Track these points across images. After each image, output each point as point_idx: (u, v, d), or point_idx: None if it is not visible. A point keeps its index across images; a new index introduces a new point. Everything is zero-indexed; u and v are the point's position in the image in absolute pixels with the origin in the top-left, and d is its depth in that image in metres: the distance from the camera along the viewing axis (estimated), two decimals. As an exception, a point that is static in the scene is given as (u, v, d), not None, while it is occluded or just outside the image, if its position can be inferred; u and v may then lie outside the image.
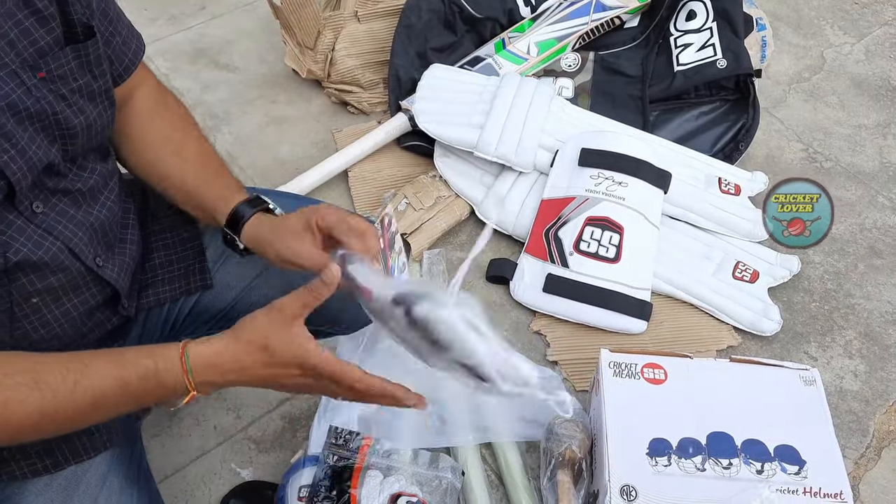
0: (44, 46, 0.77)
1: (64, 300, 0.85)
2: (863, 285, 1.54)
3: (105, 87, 0.85)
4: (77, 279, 0.85)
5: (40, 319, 0.84)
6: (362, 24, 1.84)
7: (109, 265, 0.89)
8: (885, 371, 1.41)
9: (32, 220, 0.79)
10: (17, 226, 0.78)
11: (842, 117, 1.86)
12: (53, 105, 0.78)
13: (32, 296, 0.81)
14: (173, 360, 0.76)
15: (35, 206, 0.80)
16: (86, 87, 0.82)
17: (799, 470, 1.07)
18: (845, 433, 1.32)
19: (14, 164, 0.75)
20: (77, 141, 0.82)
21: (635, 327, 1.43)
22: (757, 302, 1.46)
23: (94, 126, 0.84)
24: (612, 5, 1.85)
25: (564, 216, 1.50)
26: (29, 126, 0.77)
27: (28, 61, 0.76)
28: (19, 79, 0.75)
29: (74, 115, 0.81)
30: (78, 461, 0.89)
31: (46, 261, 0.80)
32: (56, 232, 0.81)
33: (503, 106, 1.60)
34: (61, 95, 0.79)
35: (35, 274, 0.80)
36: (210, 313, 1.05)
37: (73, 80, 0.80)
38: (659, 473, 1.07)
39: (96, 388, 0.74)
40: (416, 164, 1.70)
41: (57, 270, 0.82)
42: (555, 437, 1.20)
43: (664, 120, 1.76)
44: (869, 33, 2.08)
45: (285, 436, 1.30)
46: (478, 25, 1.85)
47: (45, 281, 0.82)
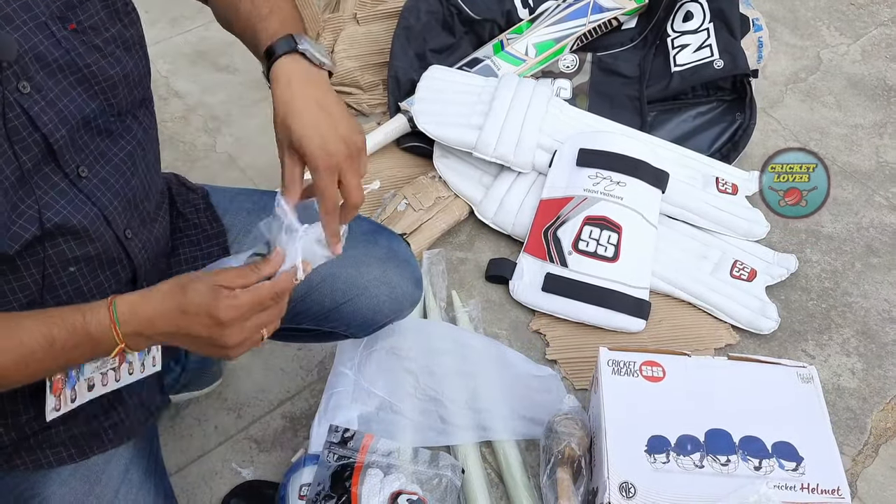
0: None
1: (99, 272, 0.85)
2: (860, 284, 1.55)
3: (138, 36, 0.85)
4: (111, 249, 0.85)
5: (76, 290, 0.83)
6: (361, 26, 1.85)
7: (136, 240, 0.89)
8: (883, 369, 1.42)
9: (76, 184, 0.79)
10: (60, 188, 0.78)
11: (838, 117, 1.87)
12: (84, 57, 0.78)
13: (71, 264, 0.81)
14: (101, 310, 0.76)
15: (81, 170, 0.80)
16: (119, 35, 0.82)
17: (796, 466, 1.08)
18: (843, 430, 1.33)
19: (45, 116, 0.75)
20: (118, 92, 0.82)
21: (634, 326, 1.44)
22: (755, 300, 1.47)
23: (132, 76, 0.84)
24: (609, 7, 1.86)
25: (563, 216, 1.51)
26: (62, 79, 0.77)
27: (57, 13, 0.76)
28: (49, 30, 0.75)
29: (111, 65, 0.80)
30: (102, 450, 0.90)
31: (85, 225, 0.80)
32: (95, 198, 0.81)
33: (501, 107, 1.61)
34: (95, 46, 0.79)
35: (75, 240, 0.80)
36: None
37: (104, 30, 0.80)
38: (658, 470, 1.07)
39: (24, 345, 0.73)
40: (415, 164, 1.71)
41: (95, 238, 0.82)
42: (554, 435, 1.21)
43: (662, 120, 1.77)
44: (865, 34, 2.09)
45: (286, 435, 1.31)
46: (476, 27, 1.86)
47: (84, 249, 0.82)
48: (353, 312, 1.09)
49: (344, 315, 1.09)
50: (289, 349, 1.41)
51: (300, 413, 1.34)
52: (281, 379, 1.38)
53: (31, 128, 0.74)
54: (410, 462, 1.18)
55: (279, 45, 0.85)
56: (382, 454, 1.18)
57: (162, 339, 0.80)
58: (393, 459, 1.17)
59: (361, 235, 1.05)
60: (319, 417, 1.23)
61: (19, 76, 0.73)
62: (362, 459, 1.16)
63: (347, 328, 1.12)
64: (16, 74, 0.72)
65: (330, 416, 1.23)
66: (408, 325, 1.35)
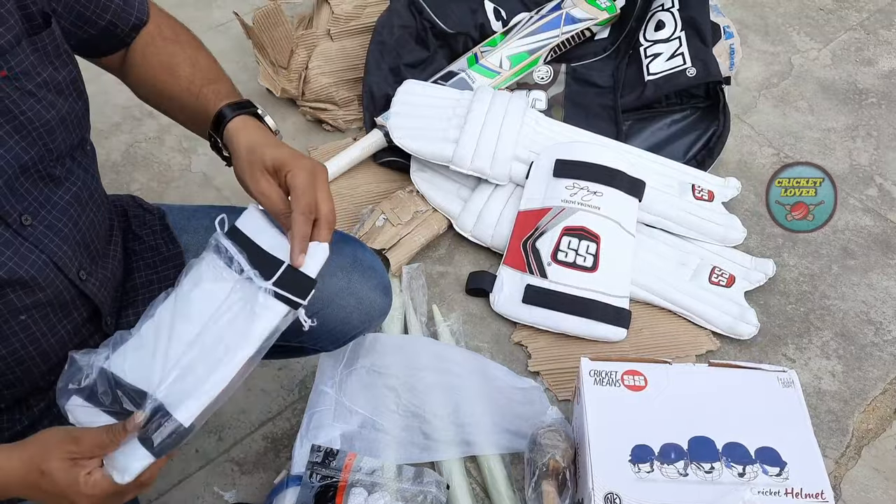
0: (3, 45, 0.75)
1: (51, 316, 0.84)
2: (837, 286, 1.56)
3: (71, 78, 0.84)
4: (63, 294, 0.84)
5: (29, 336, 0.82)
6: (335, 42, 1.85)
7: (92, 279, 0.88)
8: (862, 370, 1.43)
9: (21, 233, 0.78)
10: (4, 239, 0.77)
11: (811, 121, 1.89)
12: (19, 104, 0.77)
13: (21, 312, 0.80)
14: None
15: (24, 218, 0.79)
16: (51, 80, 0.81)
17: (780, 471, 1.08)
18: (825, 433, 1.34)
19: None
20: (56, 136, 0.81)
21: (615, 335, 1.44)
22: (734, 306, 1.47)
23: (68, 119, 0.83)
24: (581, 17, 1.87)
25: (541, 227, 1.51)
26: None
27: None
28: None
29: (45, 110, 0.79)
30: None
31: (33, 274, 0.79)
32: (42, 245, 0.80)
33: (477, 119, 1.61)
34: (28, 92, 0.78)
35: (23, 290, 0.79)
36: None
37: (36, 74, 0.79)
38: (642, 480, 1.07)
39: None
40: (392, 179, 1.71)
41: (44, 286, 0.81)
42: (538, 448, 1.20)
43: (637, 129, 1.78)
44: (835, 38, 2.11)
45: (268, 456, 1.30)
46: (450, 40, 1.86)
47: (34, 297, 0.81)
48: (320, 326, 1.07)
49: (310, 330, 1.07)
50: (269, 369, 1.39)
51: (282, 433, 1.32)
52: (262, 399, 1.36)
53: None
54: (394, 480, 1.17)
55: (238, 105, 0.90)
56: (366, 473, 1.17)
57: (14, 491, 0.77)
58: (377, 478, 1.16)
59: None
60: (301, 437, 1.22)
61: None
62: (346, 479, 1.15)
63: (316, 343, 1.11)
64: None
65: (312, 436, 1.21)
66: (388, 342, 1.35)
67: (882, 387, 1.41)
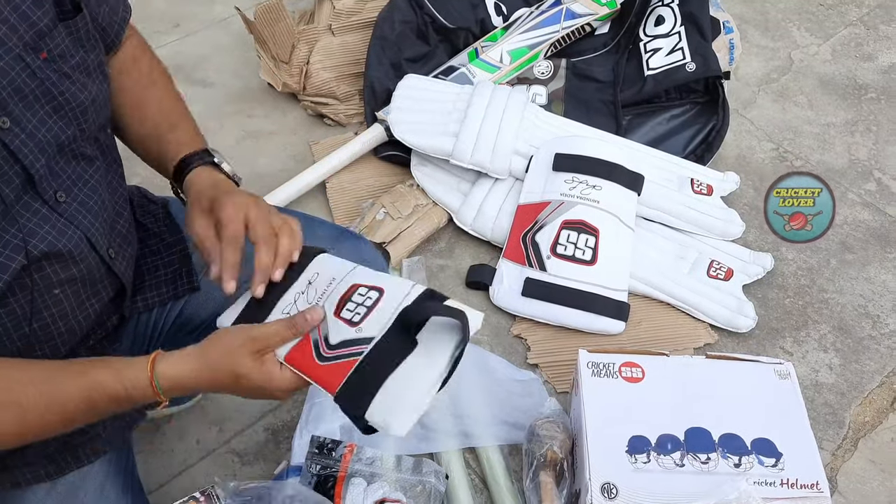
0: (42, 28, 0.78)
1: (82, 293, 0.87)
2: (835, 280, 1.57)
3: (98, 61, 0.87)
4: (94, 271, 0.87)
5: (60, 311, 0.84)
6: (336, 37, 1.85)
7: (119, 258, 0.91)
8: (859, 363, 1.44)
9: (56, 209, 0.81)
10: (42, 214, 0.79)
11: (811, 116, 1.90)
12: (58, 84, 0.80)
13: (55, 286, 0.83)
14: (142, 382, 0.79)
15: (59, 195, 0.81)
16: (82, 62, 0.83)
17: (776, 462, 1.09)
18: (822, 425, 1.35)
19: (25, 148, 0.76)
20: (88, 117, 0.84)
21: (614, 328, 1.45)
22: (732, 299, 1.48)
23: (98, 100, 0.86)
24: (582, 13, 1.87)
25: (541, 220, 1.52)
26: (39, 108, 0.78)
27: (30, 44, 0.77)
28: (24, 62, 0.76)
29: (80, 91, 0.82)
30: (79, 466, 0.91)
31: (70, 248, 0.82)
32: (77, 221, 0.83)
33: (477, 114, 1.62)
34: (64, 73, 0.81)
35: (59, 264, 0.82)
36: (194, 323, 1.07)
37: (69, 56, 0.82)
38: (639, 470, 1.08)
39: (67, 410, 0.77)
40: (393, 173, 1.72)
41: (80, 260, 0.84)
42: (536, 439, 1.21)
43: (637, 124, 1.78)
44: (834, 34, 2.12)
45: (268, 447, 1.31)
46: (450, 35, 1.87)
47: (68, 272, 0.83)
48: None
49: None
50: (270, 361, 1.40)
51: (282, 425, 1.33)
52: (262, 391, 1.37)
53: (12, 160, 0.75)
54: (394, 470, 1.18)
55: (196, 157, 0.93)
56: (365, 463, 1.17)
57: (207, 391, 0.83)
58: (376, 468, 1.17)
59: (326, 240, 1.06)
60: (301, 429, 1.23)
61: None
62: (345, 469, 1.16)
63: None
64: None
65: (312, 427, 1.22)
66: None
67: (879, 379, 1.42)
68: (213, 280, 0.85)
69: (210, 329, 1.06)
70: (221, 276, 0.84)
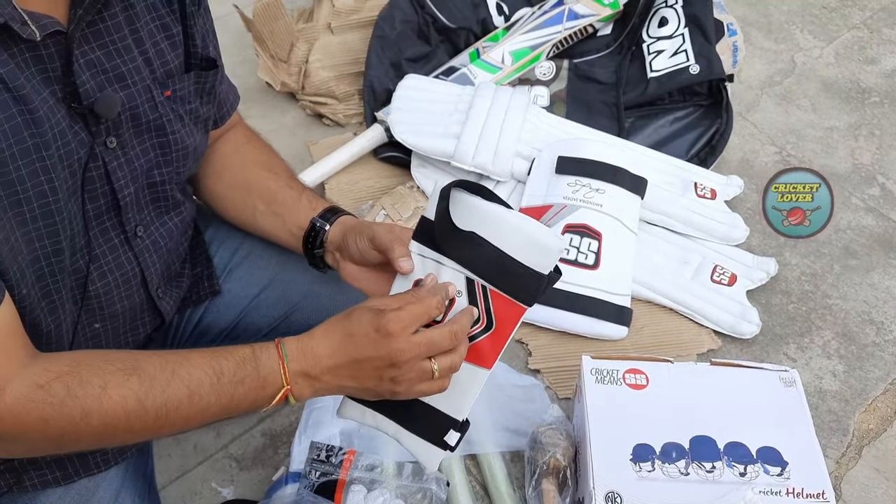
0: (172, 68, 0.83)
1: (121, 328, 0.88)
2: (839, 286, 1.55)
3: (206, 116, 0.90)
4: (136, 308, 0.88)
5: (96, 347, 0.85)
6: (336, 36, 1.84)
7: (167, 297, 0.93)
8: (863, 370, 1.43)
9: (129, 242, 0.83)
10: (112, 244, 0.81)
11: (814, 120, 1.89)
12: (173, 123, 0.83)
13: (96, 321, 0.83)
14: (269, 346, 0.76)
15: (139, 229, 0.84)
16: (196, 111, 0.88)
17: (781, 471, 1.08)
18: (826, 433, 1.33)
19: (120, 172, 0.79)
20: (188, 162, 0.88)
21: (616, 333, 1.43)
22: (735, 305, 1.47)
23: (199, 150, 0.91)
24: (584, 13, 1.86)
25: (543, 224, 1.50)
26: (147, 139, 0.81)
27: (159, 79, 0.82)
28: (150, 93, 0.80)
29: (188, 136, 0.86)
30: (88, 474, 0.89)
31: (119, 283, 0.83)
32: (142, 258, 0.85)
33: (479, 115, 1.60)
34: (179, 116, 0.84)
35: (106, 298, 0.83)
36: (214, 331, 1.06)
37: (188, 102, 0.86)
38: (643, 479, 1.06)
39: (192, 377, 0.73)
40: (393, 175, 1.70)
41: (125, 297, 0.85)
42: (539, 446, 1.20)
43: (639, 126, 1.77)
44: (838, 37, 2.11)
45: (266, 453, 1.29)
46: (452, 35, 1.85)
47: (112, 307, 0.84)
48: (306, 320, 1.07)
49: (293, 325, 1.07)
50: (268, 364, 1.39)
51: (280, 430, 1.32)
52: (260, 395, 1.36)
53: (105, 180, 0.77)
54: (394, 477, 1.16)
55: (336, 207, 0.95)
56: (365, 469, 1.16)
57: (328, 380, 0.77)
58: (376, 475, 1.16)
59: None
60: (300, 434, 1.21)
61: (110, 131, 0.77)
62: (345, 476, 1.14)
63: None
64: (108, 129, 0.76)
65: (311, 433, 1.21)
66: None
67: (883, 387, 1.41)
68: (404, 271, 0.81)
69: (232, 337, 1.06)
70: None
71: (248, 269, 1.05)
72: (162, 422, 0.72)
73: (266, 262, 1.06)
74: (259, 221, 0.98)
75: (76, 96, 0.72)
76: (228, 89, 1.01)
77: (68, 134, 0.72)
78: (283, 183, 0.98)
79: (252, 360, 0.75)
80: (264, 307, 1.05)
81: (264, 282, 1.05)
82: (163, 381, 0.72)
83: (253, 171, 0.99)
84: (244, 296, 1.05)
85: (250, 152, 1.02)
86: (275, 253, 1.05)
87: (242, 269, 1.05)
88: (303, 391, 0.77)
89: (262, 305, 1.05)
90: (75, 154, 0.73)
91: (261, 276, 1.05)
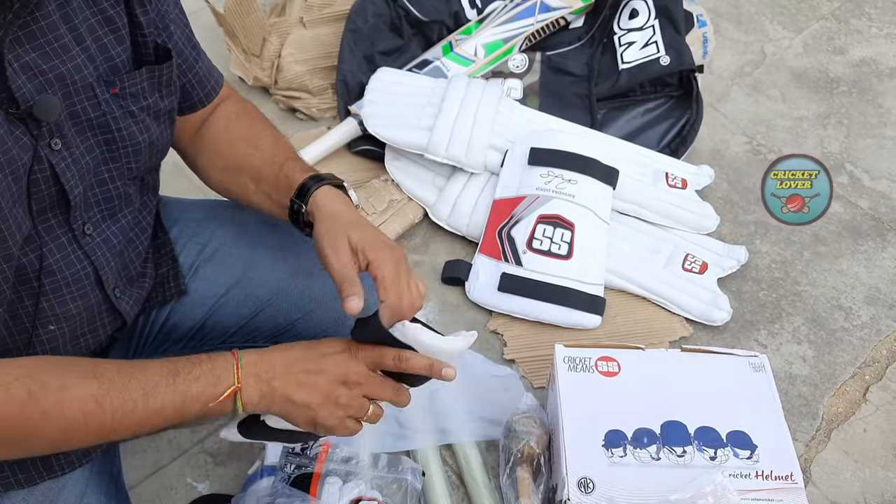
0: (118, 64, 0.81)
1: (78, 329, 0.86)
2: (808, 272, 1.58)
3: (169, 108, 0.88)
4: (93, 308, 0.87)
5: (54, 350, 0.84)
6: (308, 30, 1.83)
7: (125, 297, 0.91)
8: (832, 355, 1.45)
9: (78, 241, 0.81)
10: (60, 242, 0.80)
11: (783, 110, 1.91)
12: (119, 120, 0.81)
13: (51, 322, 0.82)
14: (227, 353, 0.80)
15: (87, 227, 0.82)
16: (153, 106, 0.85)
17: (751, 454, 1.09)
18: (796, 417, 1.36)
19: (69, 172, 0.77)
20: (141, 157, 0.86)
21: (590, 322, 1.44)
22: (706, 292, 1.49)
23: (157, 144, 0.88)
24: (556, 6, 1.87)
25: (516, 215, 1.51)
26: (90, 137, 0.79)
27: (104, 76, 0.80)
28: (92, 92, 0.78)
29: (140, 132, 0.84)
30: (52, 476, 0.88)
31: (70, 282, 0.81)
32: (94, 257, 0.83)
33: (452, 107, 1.61)
34: (130, 112, 0.82)
35: (56, 298, 0.81)
36: (181, 331, 1.05)
37: (142, 98, 0.84)
38: (615, 464, 1.08)
39: (149, 380, 0.75)
40: (367, 168, 1.70)
41: (78, 297, 0.83)
42: (513, 435, 1.20)
43: (611, 118, 1.78)
44: (806, 27, 2.13)
45: (242, 447, 1.28)
46: (424, 28, 1.85)
47: (65, 307, 0.83)
48: (314, 327, 1.07)
49: (300, 331, 1.07)
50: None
51: (256, 424, 1.32)
52: (236, 390, 1.35)
53: (52, 182, 0.76)
54: (369, 468, 1.17)
55: (323, 177, 0.92)
56: (341, 461, 1.16)
57: (277, 387, 0.80)
58: (351, 466, 1.16)
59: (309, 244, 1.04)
60: (275, 427, 1.21)
61: (53, 133, 0.75)
62: (320, 468, 1.15)
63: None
64: (50, 131, 0.75)
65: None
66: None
67: (851, 371, 1.43)
68: (351, 313, 0.82)
69: (198, 338, 1.05)
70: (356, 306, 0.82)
71: (215, 267, 1.03)
72: (117, 423, 0.74)
73: (234, 260, 1.04)
74: (253, 201, 0.98)
75: (13, 101, 0.70)
76: (210, 68, 0.99)
77: (8, 141, 0.70)
78: (267, 157, 0.96)
79: (208, 360, 0.78)
80: (232, 306, 1.03)
81: (231, 280, 1.03)
82: (120, 384, 0.74)
83: (240, 149, 0.98)
84: (211, 295, 1.03)
85: (237, 129, 1.00)
86: (243, 251, 1.04)
87: (209, 267, 1.03)
88: (251, 394, 0.79)
89: (229, 304, 1.03)
90: (18, 160, 0.71)
91: (228, 274, 1.03)
